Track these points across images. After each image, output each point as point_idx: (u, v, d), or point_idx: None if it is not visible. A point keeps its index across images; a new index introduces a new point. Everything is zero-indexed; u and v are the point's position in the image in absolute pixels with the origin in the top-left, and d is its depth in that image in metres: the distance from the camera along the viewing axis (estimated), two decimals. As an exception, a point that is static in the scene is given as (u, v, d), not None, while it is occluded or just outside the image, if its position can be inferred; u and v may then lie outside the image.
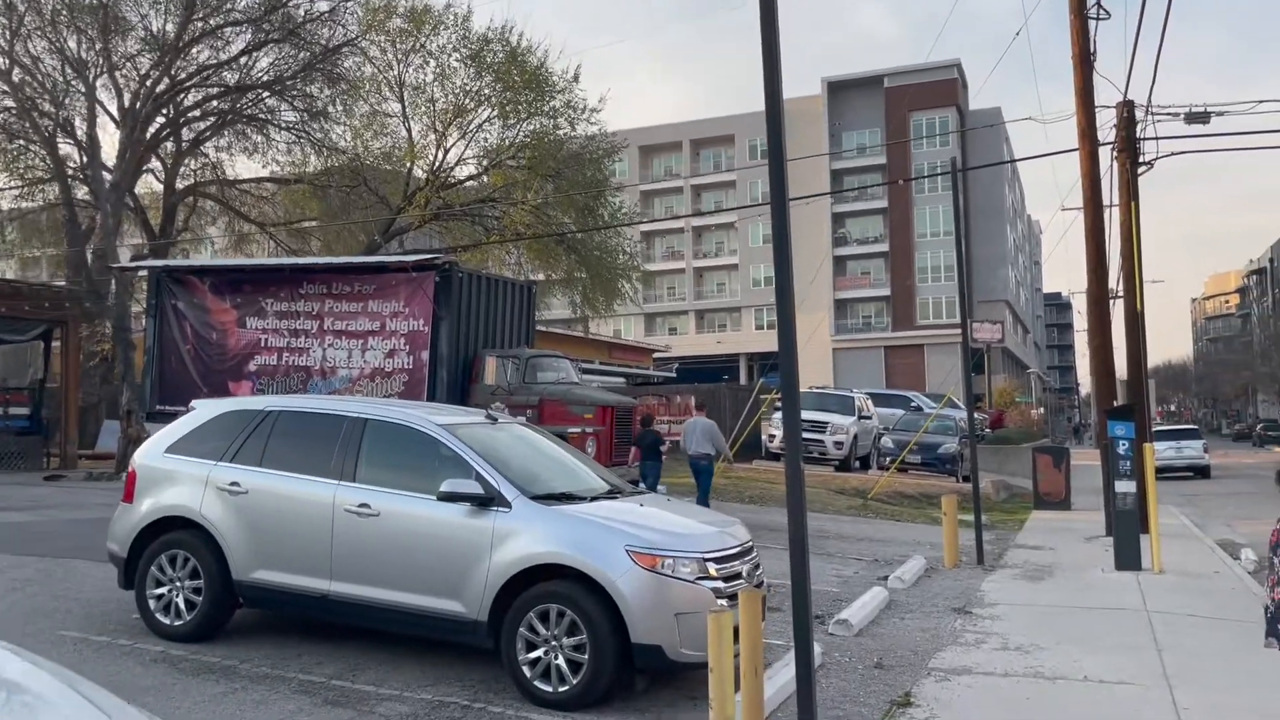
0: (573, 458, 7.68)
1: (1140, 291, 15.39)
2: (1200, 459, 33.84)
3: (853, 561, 12.38)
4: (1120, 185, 16.07)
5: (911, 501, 20.32)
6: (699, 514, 7.23)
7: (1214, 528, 18.20)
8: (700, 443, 14.46)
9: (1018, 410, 53.31)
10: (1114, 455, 11.73)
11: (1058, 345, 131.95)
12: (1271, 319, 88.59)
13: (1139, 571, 11.39)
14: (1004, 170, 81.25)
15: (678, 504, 7.55)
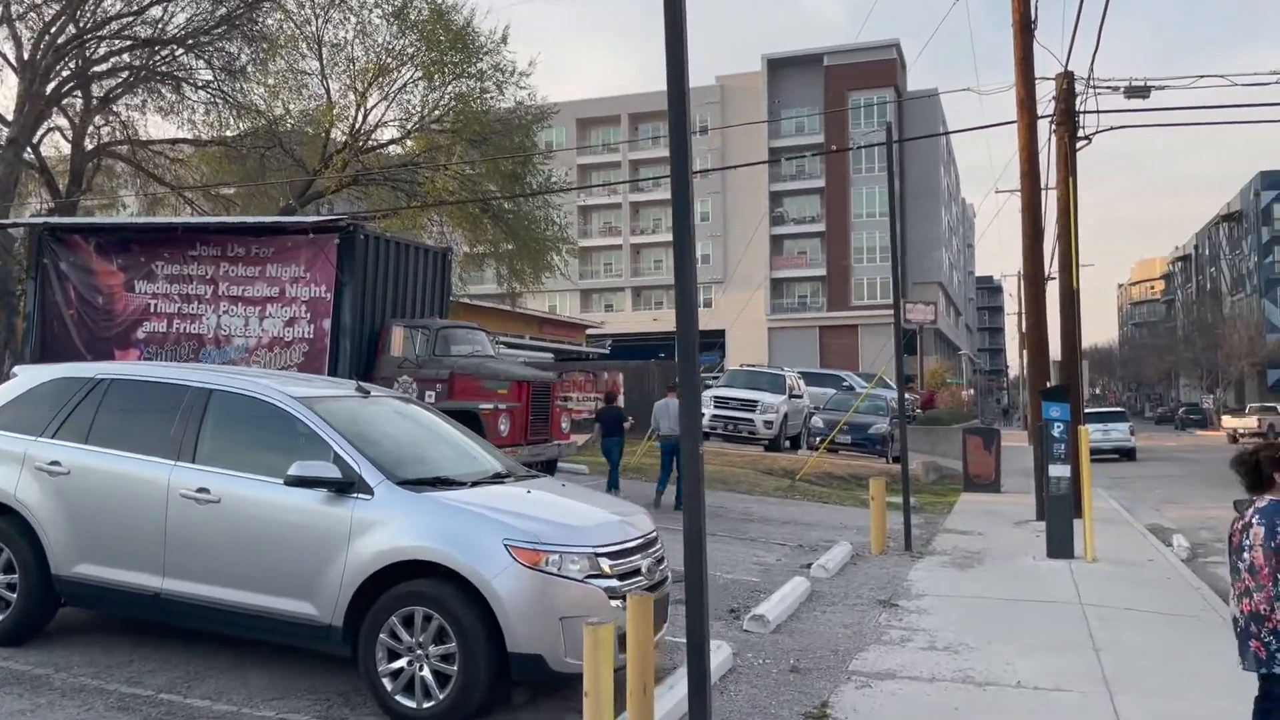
0: (462, 437, 6.82)
1: (1076, 269, 14.96)
2: (1127, 442, 34.07)
3: (776, 547, 11.73)
4: (1058, 159, 15.60)
5: (841, 483, 19.83)
6: (597, 501, 6.43)
7: (1143, 512, 18.00)
8: (674, 423, 14.05)
9: (949, 391, 53.61)
10: (1048, 438, 11.23)
11: (988, 328, 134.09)
12: (1195, 305, 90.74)
13: (1071, 560, 10.91)
14: (939, 153, 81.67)
15: (576, 489, 6.74)
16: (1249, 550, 4.30)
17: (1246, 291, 76.80)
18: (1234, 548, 4.48)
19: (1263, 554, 4.22)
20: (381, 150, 26.13)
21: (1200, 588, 9.60)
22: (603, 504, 6.37)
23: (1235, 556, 4.45)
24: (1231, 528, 4.56)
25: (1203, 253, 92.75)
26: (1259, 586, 4.23)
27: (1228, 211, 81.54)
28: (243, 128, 26.25)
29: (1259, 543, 4.24)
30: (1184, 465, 32.03)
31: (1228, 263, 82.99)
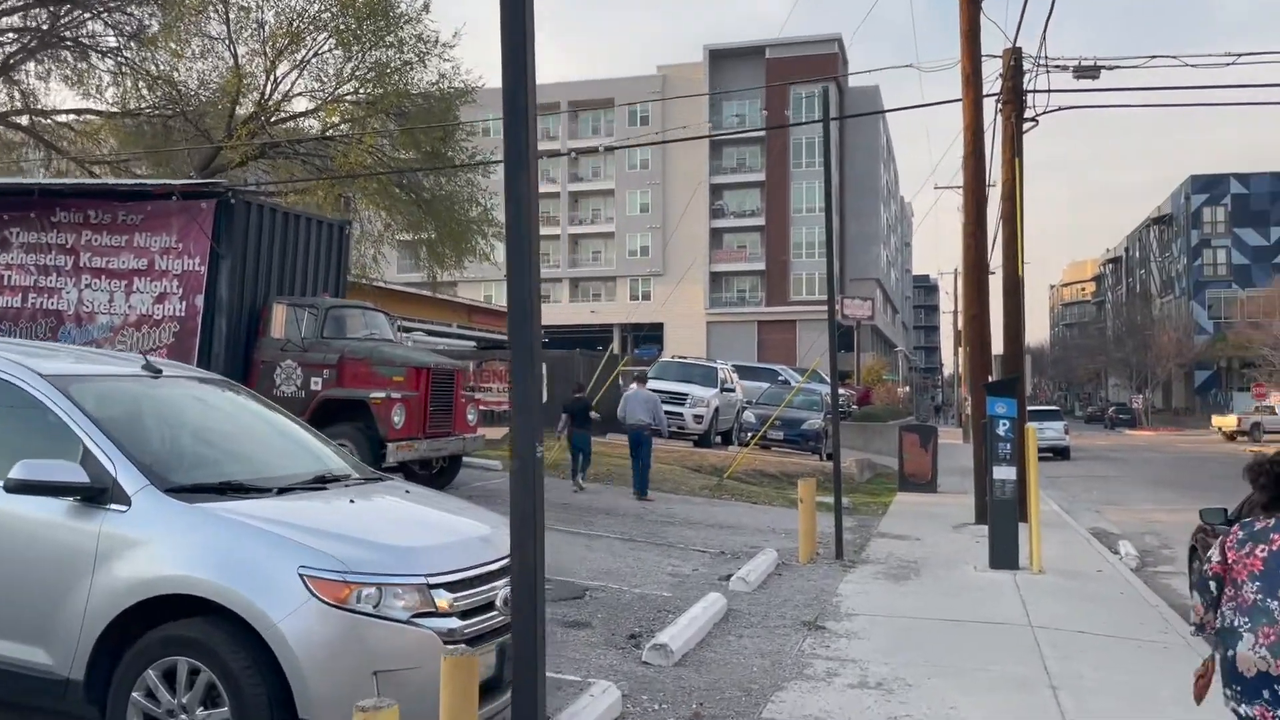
0: (287, 431, 5.47)
1: (1021, 255, 14.03)
2: (1061, 440, 33.73)
3: (695, 555, 10.55)
4: (1004, 139, 14.66)
5: (772, 481, 18.78)
6: (450, 511, 5.14)
7: (1083, 515, 17.24)
8: (639, 413, 14.52)
9: (885, 388, 53.19)
10: (992, 436, 10.22)
11: (924, 326, 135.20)
12: (1126, 306, 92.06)
13: (1016, 571, 9.92)
14: (879, 149, 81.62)
15: (426, 495, 5.42)
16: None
17: (1175, 293, 77.97)
18: (1252, 576, 3.56)
19: None
20: (292, 122, 24.44)
21: (1158, 605, 8.65)
22: (457, 515, 5.08)
23: (1269, 594, 3.51)
24: (1241, 553, 3.65)
25: (1133, 255, 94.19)
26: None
27: (1158, 215, 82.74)
28: (152, 98, 24.44)
29: None
30: (1117, 465, 31.73)
31: (1158, 265, 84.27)
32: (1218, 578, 3.72)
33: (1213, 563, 3.74)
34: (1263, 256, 70.33)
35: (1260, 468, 3.79)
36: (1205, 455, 37.02)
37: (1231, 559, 3.65)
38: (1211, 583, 3.73)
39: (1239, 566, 3.61)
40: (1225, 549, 3.71)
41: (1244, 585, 3.57)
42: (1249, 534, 3.66)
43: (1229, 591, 3.65)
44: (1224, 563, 3.69)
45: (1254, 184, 71.36)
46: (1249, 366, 58.36)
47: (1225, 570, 3.69)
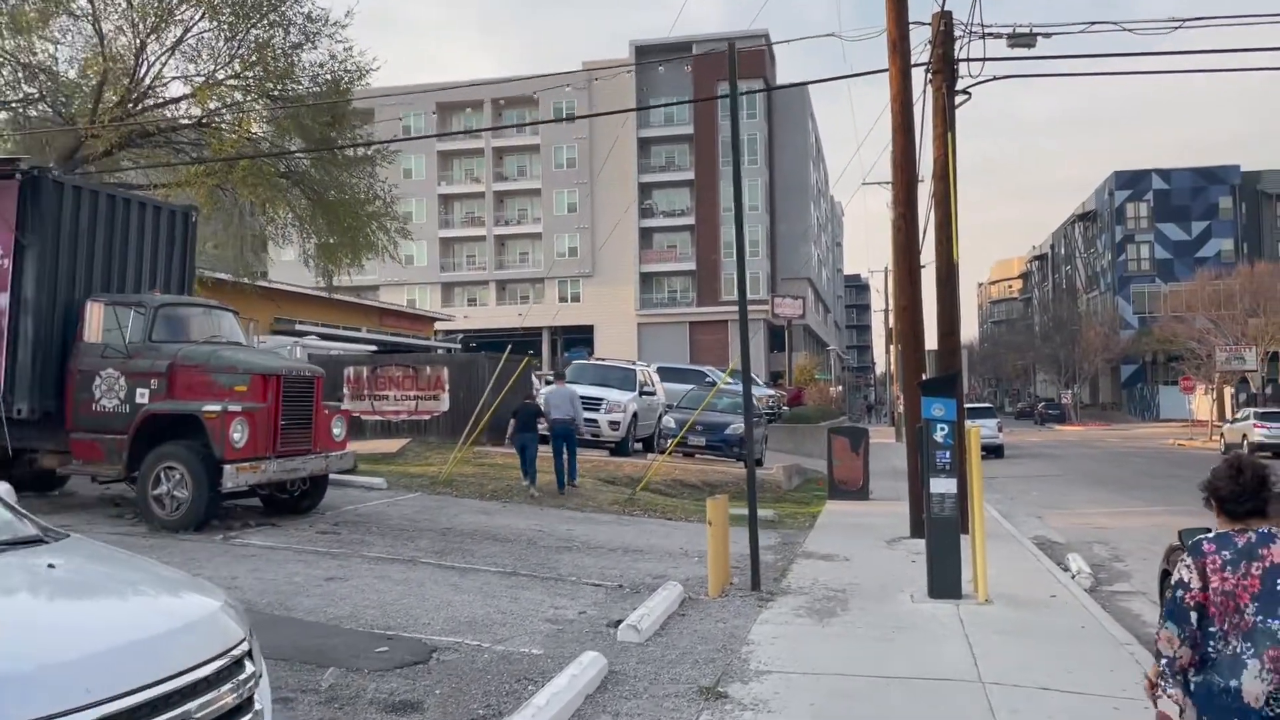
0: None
1: (955, 238, 12.69)
2: (995, 438, 32.88)
3: (587, 590, 8.92)
4: (935, 112, 13.32)
5: (692, 492, 17.24)
6: (113, 597, 3.41)
7: (1024, 520, 16.02)
8: (564, 409, 15.16)
9: (817, 388, 52.20)
10: (929, 442, 8.76)
11: (857, 325, 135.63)
12: (1052, 303, 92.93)
13: (959, 601, 8.47)
14: (808, 148, 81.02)
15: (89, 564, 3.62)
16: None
17: (1101, 289, 78.68)
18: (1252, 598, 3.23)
19: None
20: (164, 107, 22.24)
21: (1129, 644, 7.24)
22: (145, 595, 3.35)
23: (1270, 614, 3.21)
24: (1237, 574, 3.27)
25: (1059, 252, 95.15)
26: None
27: (1083, 211, 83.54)
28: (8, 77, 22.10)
29: None
30: (1052, 462, 30.94)
31: (1083, 261, 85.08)
32: (1200, 607, 3.29)
33: (1193, 590, 3.29)
34: (1185, 251, 71.18)
35: (1240, 471, 3.39)
36: (1139, 452, 36.56)
37: (1231, 584, 3.26)
38: (1193, 613, 3.30)
39: (1240, 590, 3.24)
40: (1208, 573, 3.30)
41: (1245, 608, 3.23)
42: (1236, 553, 3.29)
43: (1231, 618, 3.25)
44: (1206, 590, 3.29)
45: (1175, 179, 72.24)
46: (1174, 360, 58.74)
47: (1215, 596, 3.28)
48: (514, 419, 15.03)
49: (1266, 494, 3.42)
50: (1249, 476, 3.41)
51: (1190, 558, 3.36)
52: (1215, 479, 3.47)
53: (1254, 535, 3.33)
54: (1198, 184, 71.80)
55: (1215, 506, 3.47)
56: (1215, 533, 3.44)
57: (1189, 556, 3.38)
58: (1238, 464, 3.48)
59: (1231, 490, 3.40)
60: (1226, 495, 3.42)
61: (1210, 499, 3.49)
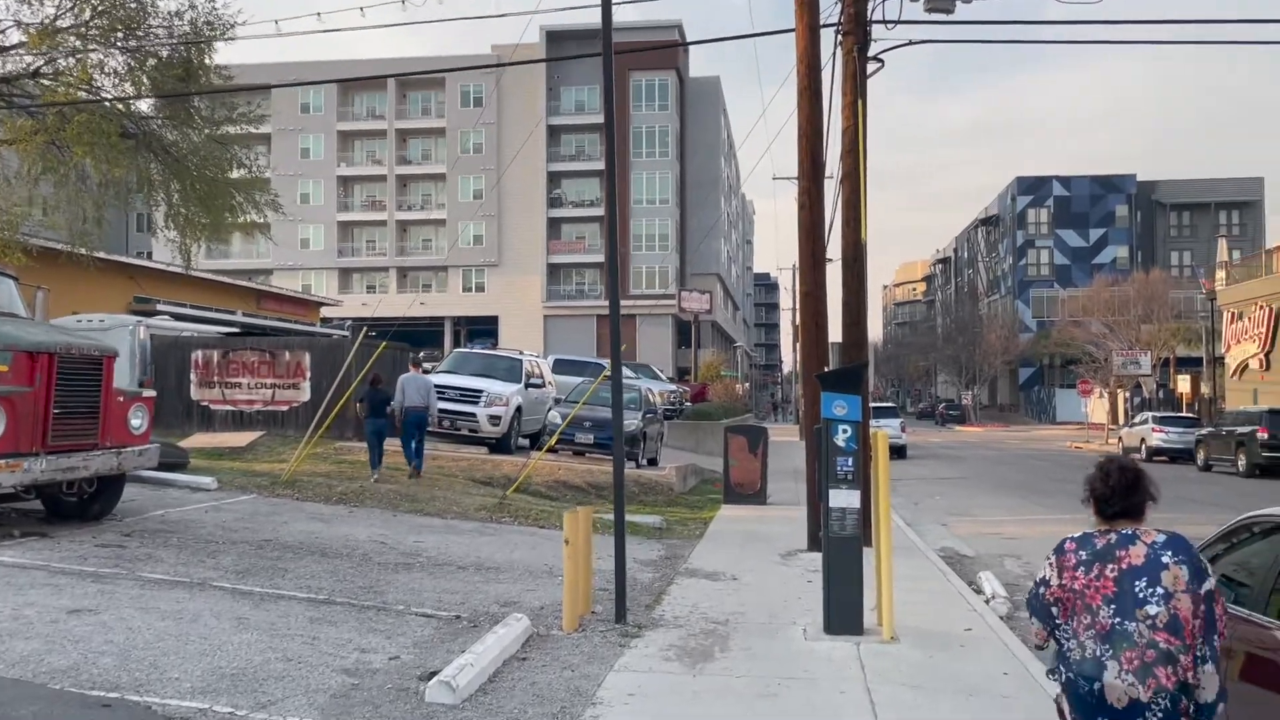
0: None
1: (864, 217, 11.39)
2: (899, 438, 32.15)
3: (414, 623, 7.27)
4: (844, 79, 12.00)
5: (576, 495, 15.69)
6: None
7: (930, 529, 14.90)
8: (416, 397, 14.44)
9: (723, 384, 51.24)
10: (829, 447, 7.35)
11: (765, 324, 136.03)
12: (954, 305, 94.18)
13: (860, 638, 7.08)
14: (720, 143, 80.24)
15: None
16: (1166, 601, 3.21)
17: (1001, 292, 79.81)
18: (1106, 600, 3.26)
19: (1189, 603, 3.22)
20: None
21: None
22: None
23: (1126, 615, 3.23)
24: (1090, 576, 3.31)
25: (962, 255, 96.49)
26: (1184, 647, 3.20)
27: (986, 216, 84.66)
28: None
29: (1182, 589, 3.22)
30: (955, 464, 30.34)
31: (985, 265, 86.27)
32: (1059, 602, 3.39)
33: (1051, 586, 3.42)
34: (1082, 257, 72.55)
35: (1111, 474, 3.43)
36: (1038, 454, 36.40)
37: (1081, 584, 3.33)
38: (1053, 608, 3.42)
39: (1091, 591, 3.31)
40: (1063, 570, 3.39)
41: (1099, 610, 3.28)
42: (1093, 554, 3.36)
43: (1083, 619, 3.31)
44: (1063, 586, 3.38)
45: (1075, 186, 73.56)
46: (1070, 363, 59.54)
47: (1066, 594, 3.36)
48: (360, 404, 14.53)
49: (1137, 497, 3.42)
50: (1119, 479, 3.43)
51: (1054, 555, 3.45)
52: (1091, 479, 3.50)
53: (1115, 537, 3.36)
54: (1096, 192, 73.26)
55: (1092, 506, 3.49)
56: (1082, 532, 3.47)
57: (1053, 554, 3.45)
58: (1108, 465, 3.50)
59: (1102, 491, 3.43)
60: (1099, 496, 3.45)
61: (1089, 498, 3.50)
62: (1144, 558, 3.28)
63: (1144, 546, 3.30)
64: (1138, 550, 3.29)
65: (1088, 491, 3.51)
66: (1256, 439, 24.60)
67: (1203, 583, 3.26)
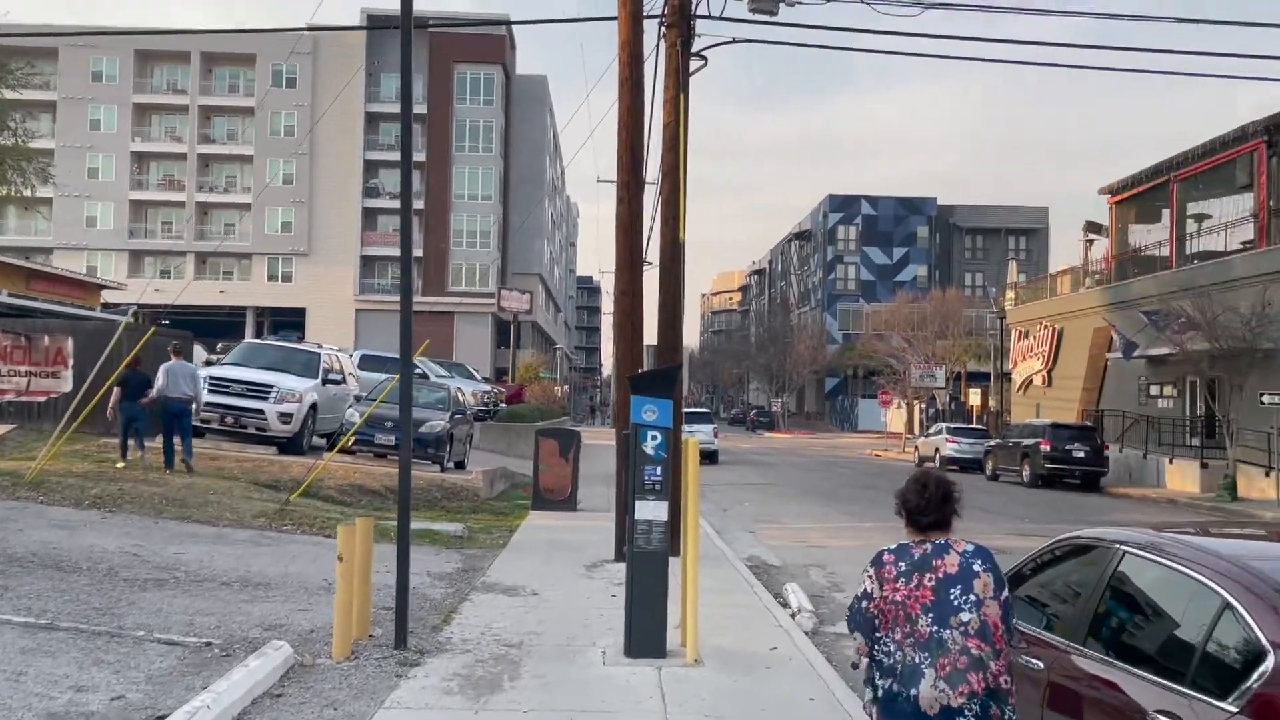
0: None
1: (683, 217, 11.01)
2: (711, 444, 32.41)
3: (155, 651, 6.23)
4: (667, 73, 11.61)
5: (373, 500, 14.65)
6: None
7: (738, 536, 14.74)
8: (184, 386, 13.68)
9: (541, 386, 50.51)
10: (638, 455, 6.82)
11: (587, 327, 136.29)
12: (767, 315, 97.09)
13: (662, 661, 6.58)
14: (546, 143, 79.53)
15: None
16: (978, 608, 3.29)
17: (811, 305, 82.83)
18: (925, 609, 3.29)
19: (996, 609, 3.32)
20: None
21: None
22: None
23: (942, 623, 3.27)
24: (910, 586, 3.34)
25: (776, 268, 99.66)
26: (994, 653, 3.29)
27: (799, 230, 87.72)
28: None
29: (990, 595, 3.31)
30: (765, 470, 30.83)
31: (797, 278, 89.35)
32: (881, 614, 3.39)
33: (874, 599, 3.41)
34: (886, 274, 76.27)
35: (926, 486, 3.47)
36: (842, 461, 37.62)
37: (902, 594, 3.34)
38: (876, 620, 3.40)
39: (911, 601, 3.33)
40: (884, 582, 3.39)
41: (919, 619, 3.31)
42: (911, 564, 3.39)
43: (903, 629, 3.32)
44: (885, 598, 3.38)
45: (881, 206, 77.27)
46: (872, 375, 62.31)
47: (888, 606, 3.37)
48: (119, 389, 13.38)
49: (949, 508, 3.46)
50: (934, 491, 3.46)
51: (872, 568, 3.45)
52: (906, 491, 3.52)
53: (930, 547, 3.40)
54: (900, 213, 77.20)
55: (905, 517, 3.52)
56: (898, 544, 3.48)
57: (871, 567, 3.46)
58: (925, 479, 3.53)
59: (918, 503, 3.46)
60: (914, 508, 3.47)
61: (901, 509, 3.53)
62: (958, 566, 3.35)
63: (957, 555, 3.38)
64: (952, 559, 3.36)
65: (901, 504, 3.53)
66: (1040, 451, 26.11)
67: (1002, 591, 3.37)
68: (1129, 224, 34.18)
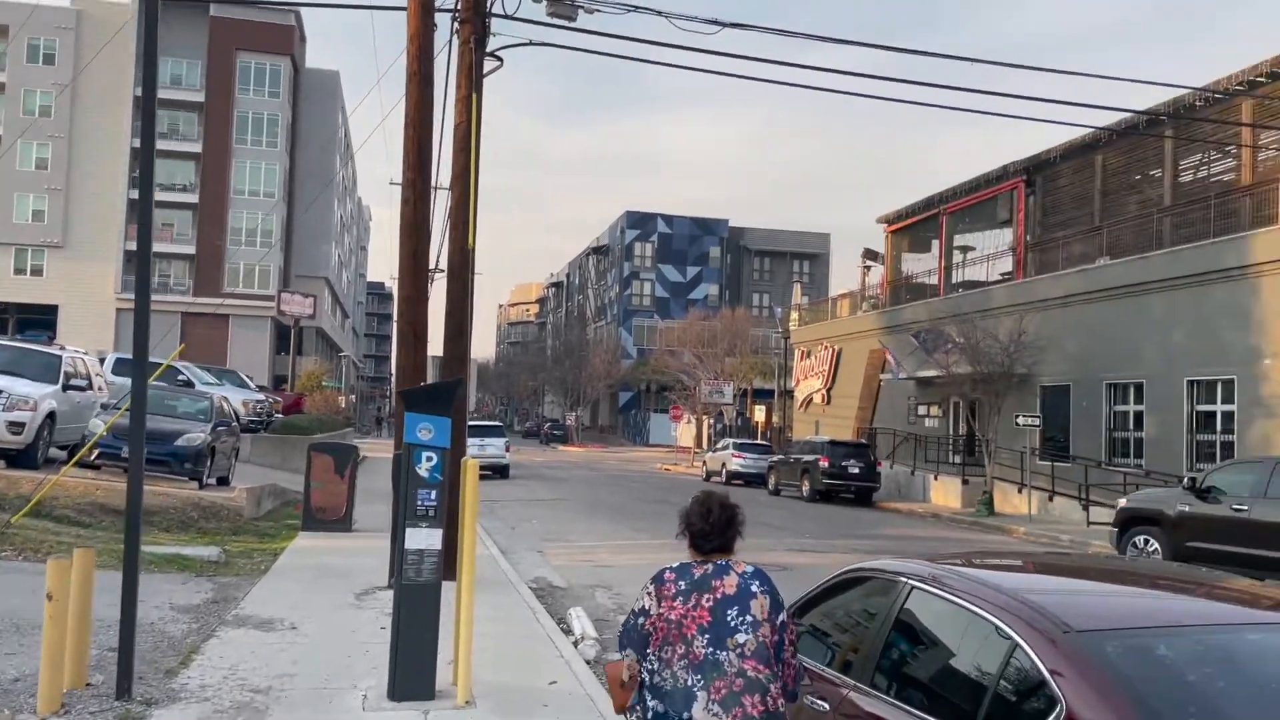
0: None
1: (474, 224, 10.46)
2: (502, 458, 31.82)
3: None
4: (460, 71, 11.05)
5: (117, 519, 13.09)
6: None
7: (524, 556, 14.24)
8: None
9: (324, 395, 48.13)
10: (410, 477, 6.21)
11: (377, 335, 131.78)
12: (564, 329, 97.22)
13: (429, 706, 6.00)
14: (337, 142, 76.37)
15: None
16: (755, 629, 3.25)
17: (608, 319, 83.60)
18: (701, 630, 3.23)
19: (770, 632, 3.29)
20: None
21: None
22: None
23: (719, 645, 3.22)
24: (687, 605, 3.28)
25: (574, 281, 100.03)
26: (772, 676, 3.25)
27: (597, 245, 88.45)
28: None
29: (765, 617, 3.28)
30: (555, 484, 30.47)
31: (594, 292, 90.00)
32: (656, 631, 3.30)
33: (650, 615, 3.32)
34: (680, 291, 78.06)
35: (713, 510, 3.43)
36: (634, 475, 37.85)
37: (678, 613, 3.27)
38: (649, 638, 3.31)
39: (688, 621, 3.26)
40: (663, 599, 3.31)
41: (694, 640, 3.24)
42: (691, 583, 3.32)
43: (677, 649, 3.24)
44: (662, 615, 3.29)
45: (677, 225, 79.09)
46: (665, 390, 63.43)
47: (663, 623, 3.29)
48: None
49: (732, 531, 3.44)
50: (718, 515, 3.44)
51: (652, 585, 3.38)
52: (690, 514, 3.48)
53: (711, 567, 3.37)
54: (694, 232, 79.29)
55: (688, 539, 3.48)
56: (680, 563, 3.44)
57: (651, 584, 3.40)
58: (709, 502, 3.48)
59: (702, 527, 3.42)
60: (698, 531, 3.44)
61: (685, 531, 3.48)
62: (736, 587, 3.31)
63: (736, 576, 3.34)
64: (731, 580, 3.32)
65: (685, 526, 3.47)
66: (819, 467, 27.12)
67: (779, 614, 3.33)
68: (903, 252, 36.34)
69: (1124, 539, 14.31)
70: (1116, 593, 3.56)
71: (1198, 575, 4.15)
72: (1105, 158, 25.55)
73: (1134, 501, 14.88)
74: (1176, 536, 13.29)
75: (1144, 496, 15.18)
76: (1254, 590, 3.52)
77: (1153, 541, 13.72)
